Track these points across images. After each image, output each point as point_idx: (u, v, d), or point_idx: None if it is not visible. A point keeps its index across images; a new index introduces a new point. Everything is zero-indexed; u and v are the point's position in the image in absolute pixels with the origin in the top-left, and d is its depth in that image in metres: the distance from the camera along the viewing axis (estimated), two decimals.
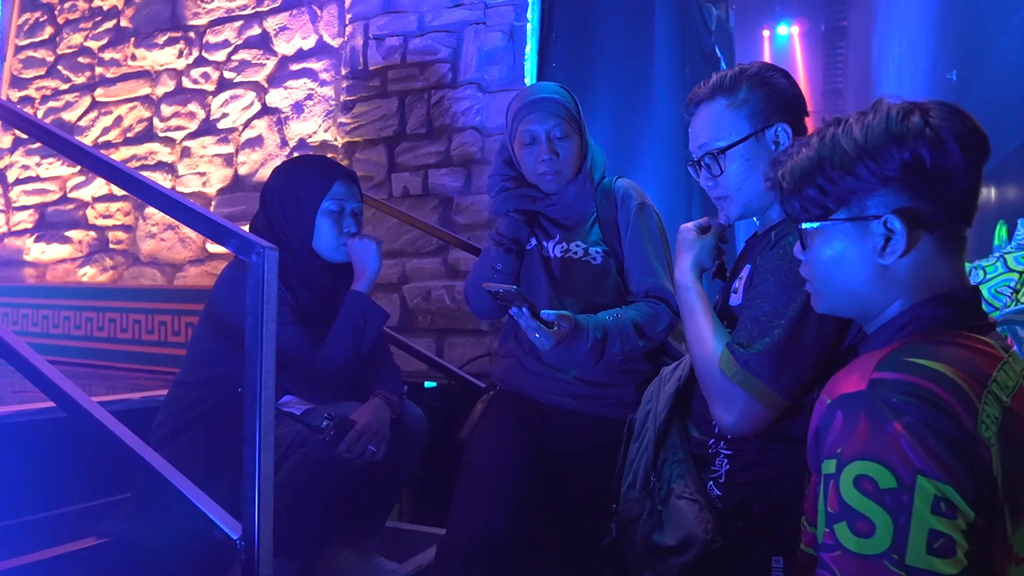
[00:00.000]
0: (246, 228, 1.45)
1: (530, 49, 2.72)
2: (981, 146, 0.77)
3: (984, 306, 0.86)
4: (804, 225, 0.83)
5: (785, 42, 7.04)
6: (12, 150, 3.99)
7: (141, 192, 1.28)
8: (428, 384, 2.27)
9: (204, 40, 3.44)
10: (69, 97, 3.84)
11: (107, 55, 3.74)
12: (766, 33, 7.06)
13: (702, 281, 1.15)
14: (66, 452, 1.51)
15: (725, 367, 1.00)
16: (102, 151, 3.11)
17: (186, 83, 3.49)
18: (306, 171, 1.54)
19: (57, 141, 1.36)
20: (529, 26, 2.71)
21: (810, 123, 1.15)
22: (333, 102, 3.10)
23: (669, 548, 1.02)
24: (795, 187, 0.82)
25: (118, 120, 3.68)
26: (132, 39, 3.65)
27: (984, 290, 1.75)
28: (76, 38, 3.85)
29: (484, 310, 1.58)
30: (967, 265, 1.51)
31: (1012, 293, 1.72)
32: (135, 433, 1.21)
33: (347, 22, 3.05)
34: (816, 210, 0.81)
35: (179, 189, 3.46)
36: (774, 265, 1.03)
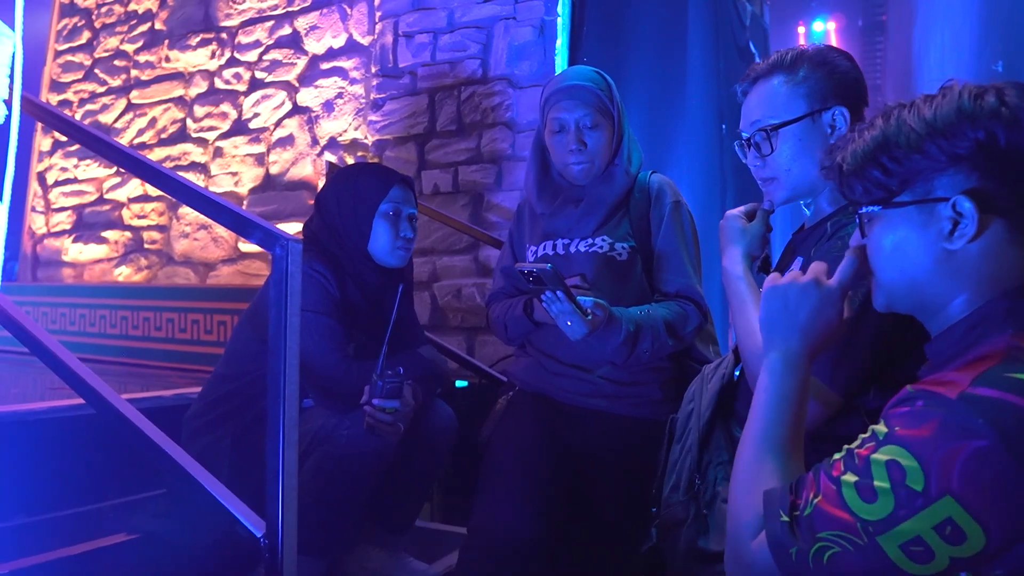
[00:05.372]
0: (280, 227, 1.44)
1: (561, 44, 2.68)
2: None
3: None
4: (864, 209, 0.79)
5: (821, 38, 6.87)
6: (51, 153, 4.08)
7: (161, 182, 1.28)
8: (459, 383, 2.24)
9: (236, 41, 3.47)
10: (106, 100, 3.91)
11: (142, 58, 3.80)
12: (801, 29, 6.91)
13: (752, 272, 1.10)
14: (97, 449, 1.51)
15: None
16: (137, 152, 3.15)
17: (218, 84, 3.52)
18: (364, 176, 1.57)
19: (99, 144, 1.36)
20: (560, 20, 2.67)
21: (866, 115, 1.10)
22: (363, 100, 3.10)
23: (716, 554, 0.98)
24: (857, 168, 0.78)
25: (152, 121, 3.74)
26: (166, 41, 3.70)
27: None
28: (112, 42, 3.91)
29: (516, 336, 1.54)
30: None
31: None
32: (166, 430, 1.20)
33: (377, 20, 3.04)
34: (879, 192, 0.77)
35: (212, 189, 3.48)
36: (832, 257, 0.97)
